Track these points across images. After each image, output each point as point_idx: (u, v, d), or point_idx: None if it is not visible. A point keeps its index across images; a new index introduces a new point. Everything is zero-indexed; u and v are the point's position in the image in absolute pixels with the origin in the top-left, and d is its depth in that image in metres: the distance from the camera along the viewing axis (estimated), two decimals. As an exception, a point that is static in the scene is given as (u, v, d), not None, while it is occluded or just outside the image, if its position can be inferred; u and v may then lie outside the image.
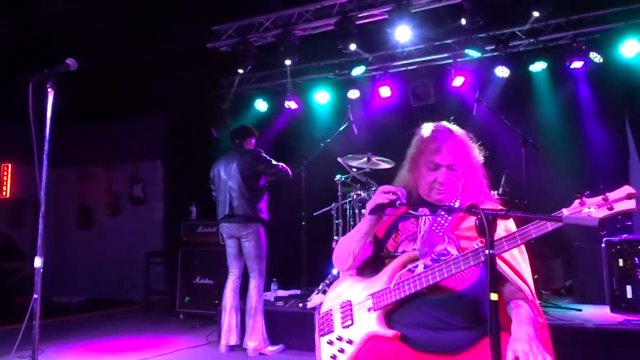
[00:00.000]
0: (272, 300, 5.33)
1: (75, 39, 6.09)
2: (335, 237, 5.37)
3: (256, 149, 4.83)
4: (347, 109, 5.59)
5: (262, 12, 6.08)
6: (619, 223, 4.59)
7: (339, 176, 5.33)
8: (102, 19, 6.16)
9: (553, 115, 5.84)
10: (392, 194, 1.82)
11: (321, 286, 5.09)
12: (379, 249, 2.04)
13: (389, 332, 1.81)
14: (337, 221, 5.42)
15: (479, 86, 5.47)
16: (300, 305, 4.91)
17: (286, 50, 5.90)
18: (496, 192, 4.93)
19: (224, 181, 4.75)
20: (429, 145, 1.99)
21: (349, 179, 5.32)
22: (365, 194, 5.05)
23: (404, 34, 5.31)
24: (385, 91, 6.37)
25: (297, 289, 5.68)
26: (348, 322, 1.93)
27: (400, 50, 6.34)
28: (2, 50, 6.28)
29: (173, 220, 7.06)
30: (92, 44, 6.18)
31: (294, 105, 6.85)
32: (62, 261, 8.30)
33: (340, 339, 1.92)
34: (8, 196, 8.45)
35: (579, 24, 5.51)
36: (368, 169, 5.17)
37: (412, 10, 5.31)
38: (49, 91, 2.38)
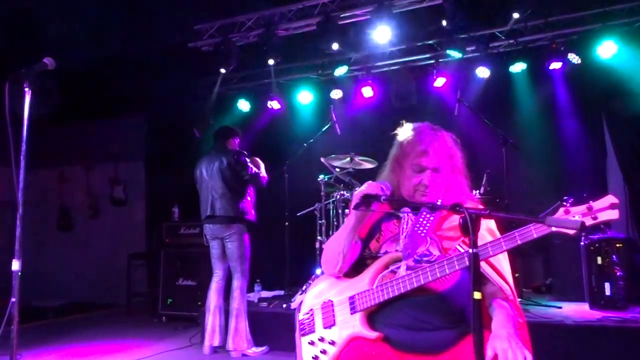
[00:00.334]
0: (256, 301, 5.31)
1: (54, 37, 5.99)
2: (319, 238, 5.37)
3: (238, 150, 4.79)
4: (330, 109, 5.59)
5: (244, 11, 6.04)
6: (600, 231, 4.66)
7: (322, 176, 5.33)
8: (81, 17, 6.05)
9: (533, 116, 5.92)
10: (378, 187, 1.83)
11: (305, 287, 5.07)
12: (362, 249, 2.04)
13: (373, 334, 1.81)
14: (320, 221, 5.41)
15: (460, 87, 5.53)
16: (284, 306, 4.90)
17: (269, 50, 5.88)
18: (478, 191, 4.98)
19: (206, 181, 4.72)
20: (415, 147, 1.98)
21: (332, 179, 5.32)
22: (349, 194, 5.07)
23: (385, 34, 5.33)
24: (367, 91, 6.39)
25: (281, 290, 5.67)
26: (330, 322, 1.93)
27: (383, 50, 6.36)
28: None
29: (155, 222, 6.98)
30: (71, 42, 6.08)
31: (276, 105, 6.83)
32: (41, 264, 8.15)
33: (322, 339, 1.92)
34: (-16, 198, 8.27)
35: (557, 25, 5.60)
36: (351, 169, 5.18)
37: (394, 11, 5.34)
38: (26, 91, 2.34)
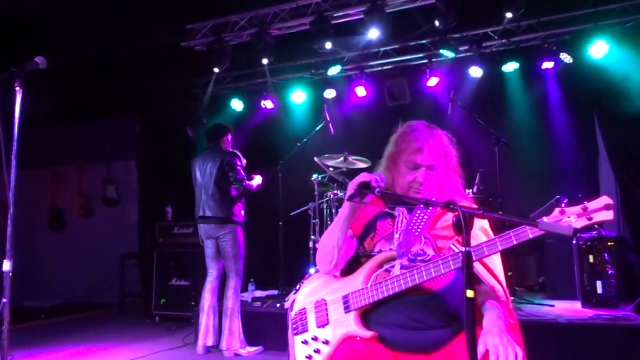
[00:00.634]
0: (250, 300, 5.29)
1: (45, 36, 5.94)
2: (313, 237, 5.37)
3: (232, 151, 4.76)
4: (324, 109, 5.59)
5: (237, 10, 6.03)
6: (595, 231, 4.68)
7: (315, 176, 5.33)
8: (73, 16, 6.01)
9: (525, 115, 5.95)
10: (373, 177, 1.83)
11: (298, 286, 5.07)
12: (357, 247, 2.03)
13: (367, 333, 1.81)
14: (314, 221, 5.41)
15: (453, 86, 5.54)
16: (277, 306, 4.89)
17: (262, 50, 5.87)
18: (471, 190, 5.00)
19: (199, 181, 4.72)
20: (410, 144, 1.98)
21: (325, 178, 5.32)
22: (342, 194, 5.06)
23: (377, 32, 5.34)
24: (361, 91, 6.40)
25: (275, 289, 5.66)
26: (323, 321, 1.93)
27: (376, 50, 6.37)
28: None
29: (148, 222, 6.95)
30: (63, 42, 6.04)
31: (270, 104, 6.83)
32: (33, 264, 8.10)
33: (315, 339, 1.92)
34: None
35: (550, 25, 5.63)
36: (345, 169, 5.18)
37: (387, 10, 5.35)
38: (17, 90, 2.32)
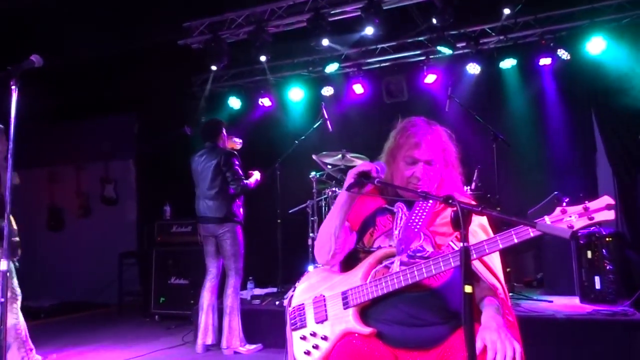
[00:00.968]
0: (249, 298, 5.29)
1: (42, 35, 5.93)
2: (311, 234, 5.37)
3: (229, 151, 4.74)
4: (321, 106, 5.59)
5: (234, 8, 6.02)
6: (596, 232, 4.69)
7: (313, 173, 5.33)
8: (71, 15, 6.00)
9: (523, 111, 5.94)
10: (373, 167, 1.82)
11: (297, 283, 5.07)
12: (356, 242, 2.03)
13: (366, 329, 1.82)
14: (312, 218, 5.41)
15: (451, 83, 5.54)
16: (277, 303, 4.89)
17: (260, 48, 5.86)
18: (469, 187, 5.00)
19: (198, 181, 4.71)
20: (408, 140, 1.99)
21: (323, 176, 5.32)
22: (340, 191, 5.06)
23: (372, 29, 5.36)
24: (358, 88, 6.39)
25: (274, 287, 5.67)
26: (322, 317, 1.93)
27: (373, 47, 6.37)
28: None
29: (146, 220, 6.95)
30: (60, 41, 6.03)
31: (267, 102, 6.83)
32: (31, 264, 8.04)
33: (314, 334, 1.92)
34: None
35: (547, 21, 5.63)
36: (343, 166, 5.18)
37: (384, 7, 5.35)
38: (13, 89, 2.31)
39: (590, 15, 5.35)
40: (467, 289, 1.43)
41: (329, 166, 5.18)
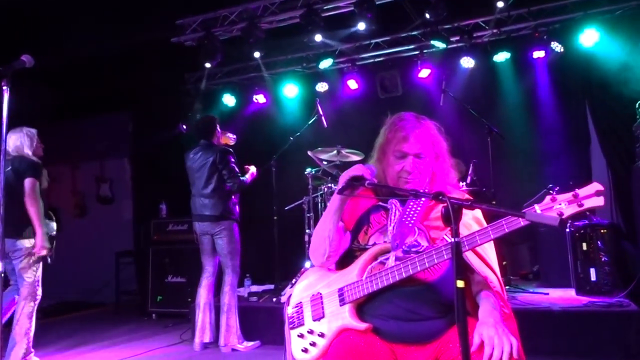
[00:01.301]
0: (246, 295, 5.30)
1: (36, 35, 5.90)
2: (308, 231, 5.37)
3: (225, 148, 4.72)
4: (316, 102, 5.58)
5: (227, 5, 5.99)
6: (586, 218, 4.70)
7: (309, 169, 5.32)
8: (64, 15, 5.95)
9: (517, 104, 5.95)
10: (366, 170, 1.85)
11: (294, 280, 5.08)
12: (351, 241, 2.04)
13: (362, 325, 1.82)
14: (308, 215, 5.41)
15: (445, 77, 5.54)
16: (274, 300, 4.90)
17: (253, 44, 5.85)
18: (464, 182, 5.01)
19: (193, 179, 4.69)
20: (396, 134, 2.00)
21: (319, 172, 5.32)
22: (336, 187, 5.05)
23: (363, 25, 5.36)
24: (353, 84, 6.38)
25: (271, 284, 5.66)
26: (319, 315, 1.93)
27: (367, 42, 6.36)
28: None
29: (142, 219, 6.93)
30: (54, 41, 6.00)
31: (262, 99, 6.81)
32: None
33: (311, 332, 1.92)
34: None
35: (540, 14, 5.63)
36: (338, 162, 5.18)
37: (377, 2, 5.34)
38: (4, 89, 2.30)
39: (583, 7, 5.35)
40: (460, 284, 1.44)
41: (325, 162, 5.18)
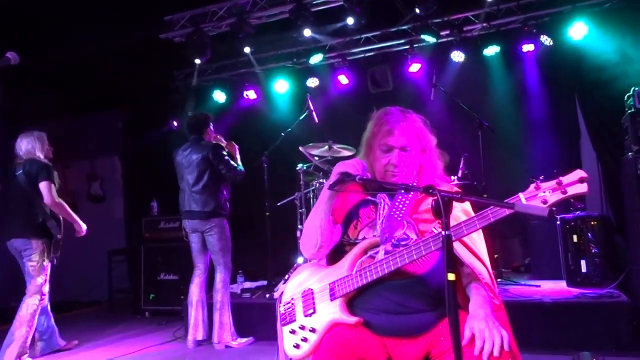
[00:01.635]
0: (239, 292, 5.30)
1: (24, 35, 5.83)
2: (300, 226, 5.37)
3: (216, 144, 4.72)
4: (307, 98, 5.57)
5: (216, 0, 5.95)
6: (571, 206, 4.75)
7: (300, 165, 5.32)
8: (52, 14, 5.88)
9: (507, 98, 5.96)
10: (359, 167, 1.86)
11: (287, 276, 5.08)
12: (341, 235, 2.04)
13: (352, 319, 1.82)
14: (300, 210, 5.41)
15: (435, 71, 5.54)
16: (267, 296, 4.90)
17: (243, 39, 5.82)
18: (456, 176, 5.02)
19: (183, 175, 4.67)
20: (382, 127, 2.01)
21: (311, 167, 5.31)
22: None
23: (352, 20, 5.36)
24: (343, 79, 6.38)
25: (264, 280, 5.66)
26: (310, 310, 1.93)
27: (358, 37, 6.34)
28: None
29: (134, 217, 6.91)
30: (42, 40, 5.93)
31: (252, 95, 6.79)
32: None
33: (302, 327, 1.93)
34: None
35: (529, 7, 5.63)
36: (330, 157, 5.18)
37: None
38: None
39: (572, 1, 5.35)
40: (450, 277, 1.44)
41: (316, 157, 5.17)
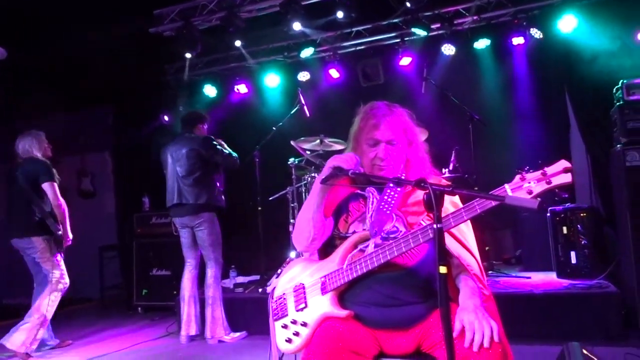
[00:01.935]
0: (232, 287, 5.30)
1: (14, 30, 5.75)
2: (292, 221, 5.36)
3: (206, 136, 4.70)
4: (298, 92, 5.55)
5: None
6: (556, 196, 4.79)
7: (292, 159, 5.31)
8: (40, 9, 5.81)
9: (498, 91, 5.98)
10: (352, 162, 1.86)
11: (280, 270, 5.08)
12: (332, 228, 2.04)
13: (343, 312, 1.84)
14: (292, 204, 5.40)
15: (426, 65, 5.55)
16: (260, 291, 4.90)
17: (233, 33, 5.77)
18: (447, 169, 5.03)
19: (173, 168, 4.64)
20: (368, 122, 2.02)
21: (302, 161, 5.30)
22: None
23: (341, 14, 5.34)
24: (335, 72, 6.37)
25: (256, 275, 5.67)
26: (302, 305, 1.94)
27: (349, 30, 6.32)
28: None
29: (125, 213, 6.87)
30: (32, 36, 5.86)
31: (243, 89, 6.76)
32: (11, 261, 7.93)
33: (294, 322, 1.94)
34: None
35: (520, 0, 5.64)
36: (321, 151, 5.17)
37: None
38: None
39: (562, -7, 5.38)
40: (442, 270, 1.45)
41: (308, 152, 5.17)
